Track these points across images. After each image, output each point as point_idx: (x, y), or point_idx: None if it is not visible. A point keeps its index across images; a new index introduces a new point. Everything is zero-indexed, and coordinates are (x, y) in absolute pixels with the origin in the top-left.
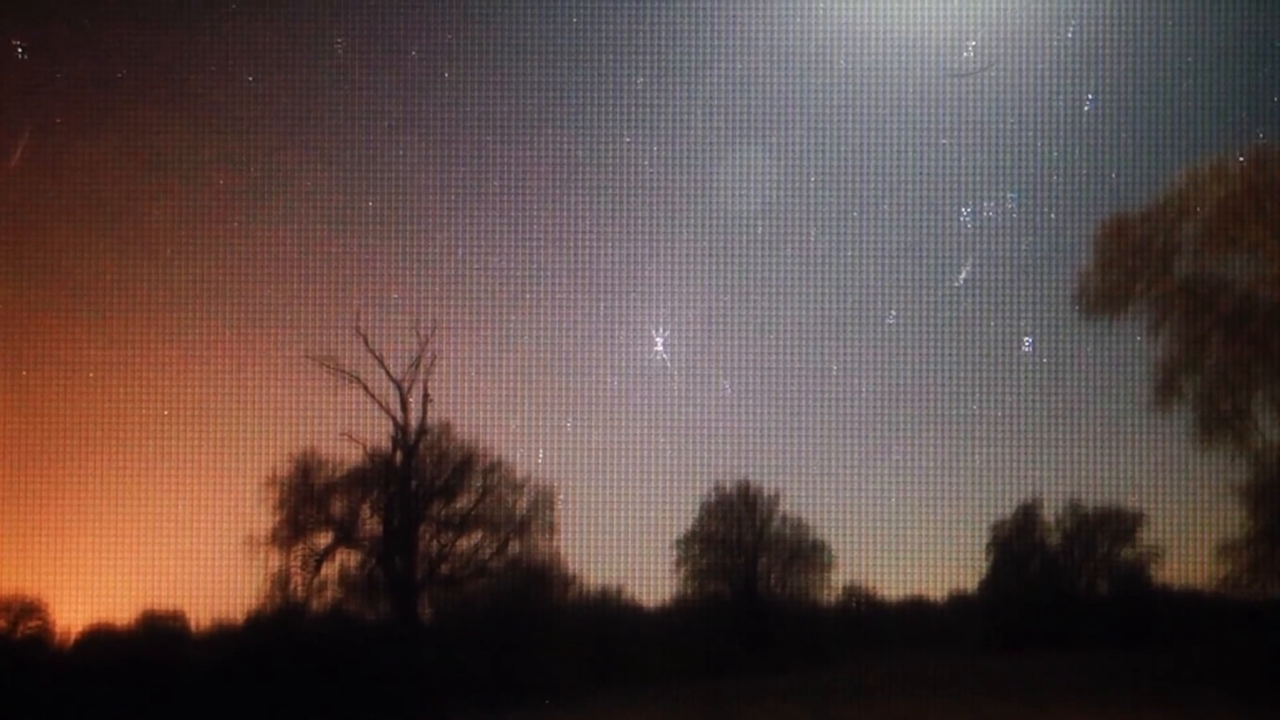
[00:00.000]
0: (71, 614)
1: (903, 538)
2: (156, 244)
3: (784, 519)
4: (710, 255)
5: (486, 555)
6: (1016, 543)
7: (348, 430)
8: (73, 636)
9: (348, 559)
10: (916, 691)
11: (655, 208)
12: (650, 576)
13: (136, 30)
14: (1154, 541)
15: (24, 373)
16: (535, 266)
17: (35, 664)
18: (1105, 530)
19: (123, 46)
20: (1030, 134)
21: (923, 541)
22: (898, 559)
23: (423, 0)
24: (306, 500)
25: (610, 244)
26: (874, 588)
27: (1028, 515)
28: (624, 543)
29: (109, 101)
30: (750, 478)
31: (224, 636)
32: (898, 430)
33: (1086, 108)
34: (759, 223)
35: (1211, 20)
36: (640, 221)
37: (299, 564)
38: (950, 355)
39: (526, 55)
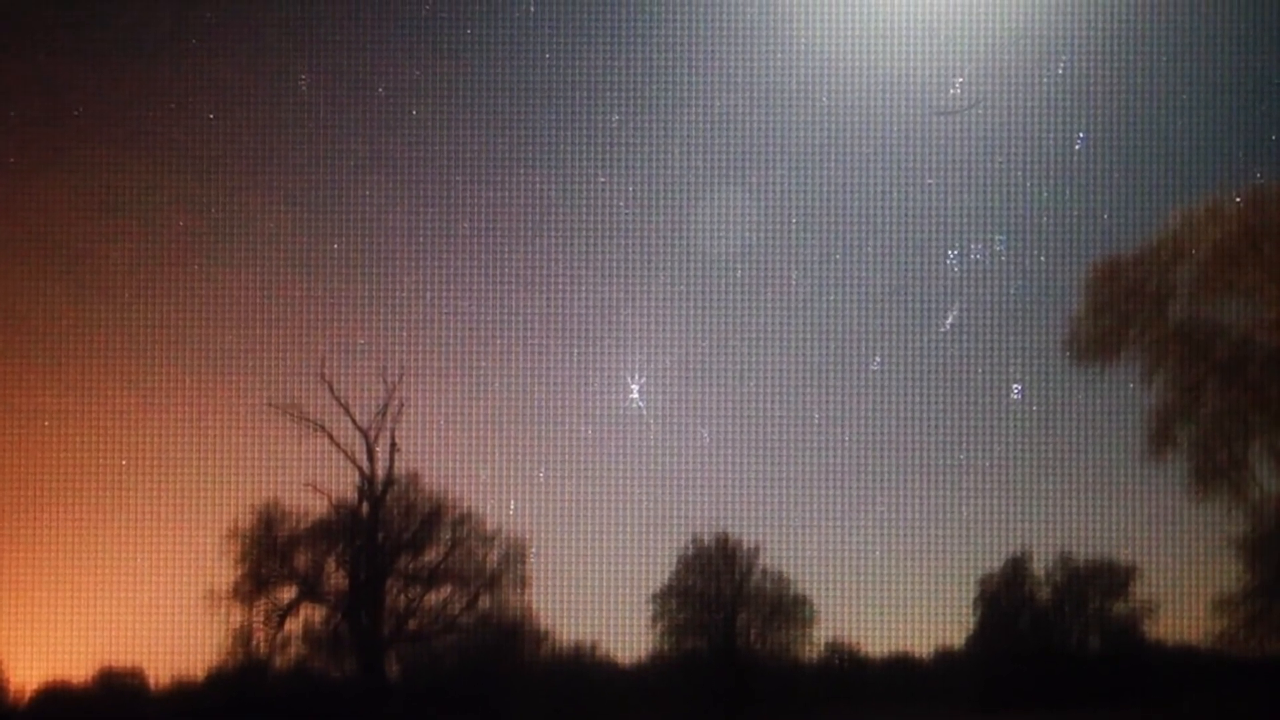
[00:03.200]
0: (26, 671)
1: (887, 592)
2: (114, 287)
3: (764, 572)
4: (688, 299)
5: (456, 610)
6: (1005, 597)
7: (312, 481)
8: (27, 695)
9: (312, 614)
10: None
11: (631, 250)
12: (626, 632)
13: (93, 67)
14: (1147, 596)
15: None
16: (506, 311)
17: None
18: (1097, 584)
19: (78, 83)
20: (1019, 174)
21: (908, 596)
22: (882, 614)
23: (390, 36)
24: (269, 553)
25: (584, 287)
26: (858, 644)
27: (1017, 568)
28: (598, 597)
29: (64, 140)
30: (729, 529)
31: (184, 695)
32: (882, 481)
33: (1077, 146)
34: (738, 265)
35: (1207, 56)
36: (615, 264)
37: (261, 619)
38: (936, 403)
39: (497, 92)
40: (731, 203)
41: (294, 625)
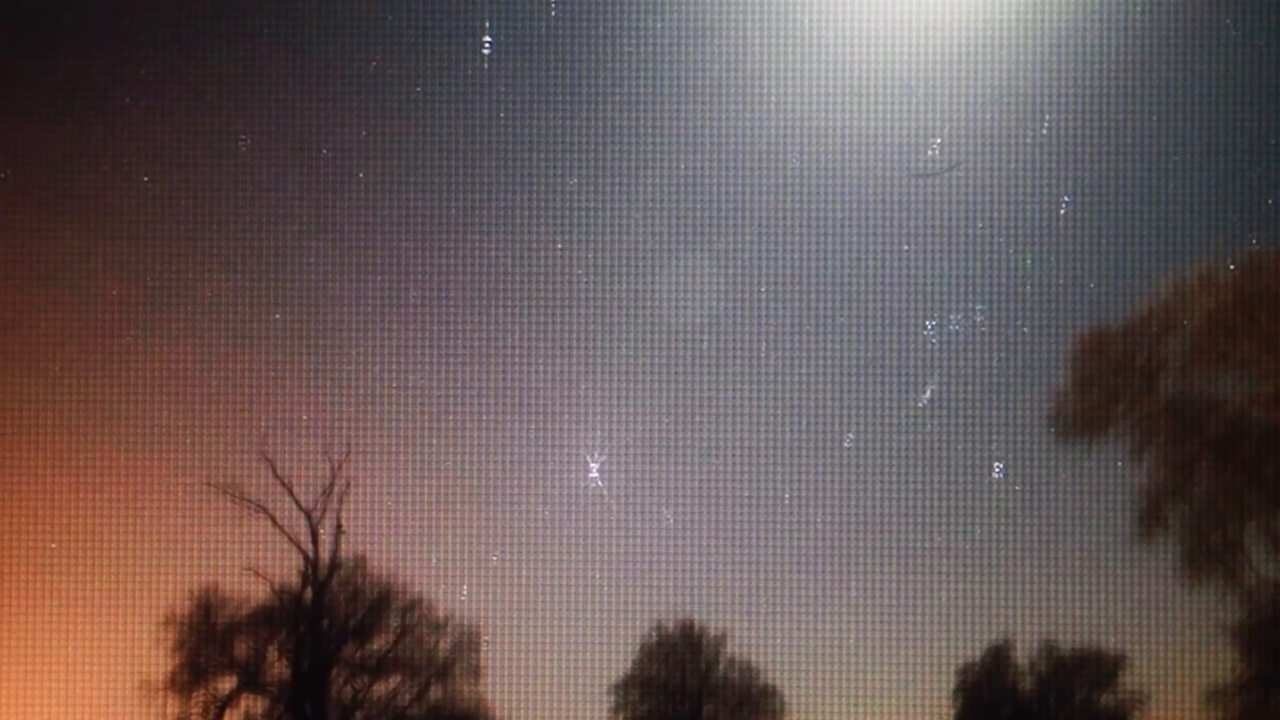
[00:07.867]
0: None
1: (862, 682)
2: (43, 360)
3: (731, 662)
4: (650, 373)
5: (405, 701)
6: (987, 687)
7: (253, 564)
8: None
9: (253, 705)
10: None
11: (590, 321)
12: None
13: (20, 126)
14: (1137, 686)
15: None
16: (458, 385)
17: None
18: (1083, 674)
19: (5, 144)
20: (1001, 240)
21: (884, 686)
22: (856, 705)
23: (335, 95)
24: (208, 641)
25: (541, 360)
26: None
27: (998, 657)
28: (556, 688)
29: None
30: (694, 616)
31: None
32: (856, 564)
33: (1062, 211)
34: (704, 337)
35: (1199, 117)
36: (573, 336)
37: (199, 711)
38: (913, 482)
39: (448, 154)
40: (696, 271)
41: (234, 717)
